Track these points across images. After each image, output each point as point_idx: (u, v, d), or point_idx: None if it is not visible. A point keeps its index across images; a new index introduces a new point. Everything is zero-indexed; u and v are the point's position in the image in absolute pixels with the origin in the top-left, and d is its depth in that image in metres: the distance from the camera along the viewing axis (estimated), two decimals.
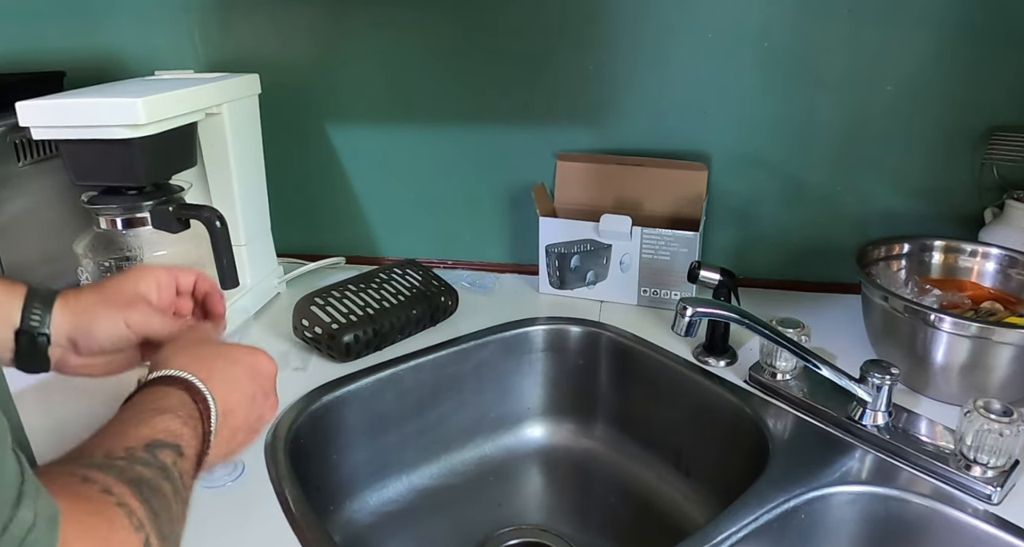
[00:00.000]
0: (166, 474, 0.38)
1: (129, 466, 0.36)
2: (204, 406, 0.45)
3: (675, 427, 0.82)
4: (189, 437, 0.42)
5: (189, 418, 0.43)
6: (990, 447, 0.59)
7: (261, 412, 0.52)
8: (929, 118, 0.89)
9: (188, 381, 0.46)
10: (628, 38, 0.92)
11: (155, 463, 0.37)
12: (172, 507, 0.37)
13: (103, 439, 0.38)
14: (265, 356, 0.53)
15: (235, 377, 0.50)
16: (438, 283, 0.92)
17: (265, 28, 1.00)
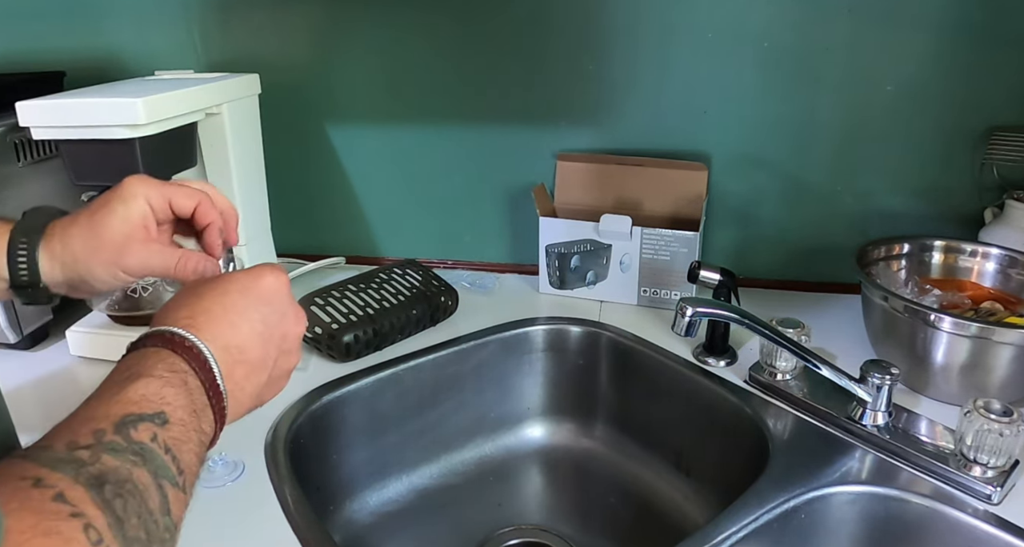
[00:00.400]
0: (142, 457, 0.33)
1: (93, 457, 0.32)
2: (192, 354, 0.40)
3: (675, 427, 0.82)
4: (175, 397, 0.37)
5: (171, 374, 0.38)
6: (990, 447, 0.59)
7: (283, 330, 0.46)
8: (929, 118, 0.89)
9: (165, 333, 0.40)
10: (628, 38, 0.92)
11: (126, 446, 0.33)
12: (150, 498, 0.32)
13: (72, 422, 0.34)
14: (267, 271, 0.46)
15: (233, 307, 0.43)
16: (438, 283, 0.92)
17: (265, 28, 1.00)
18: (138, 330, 0.81)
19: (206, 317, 0.42)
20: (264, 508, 0.60)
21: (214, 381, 0.40)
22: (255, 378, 0.43)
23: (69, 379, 0.81)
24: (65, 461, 0.31)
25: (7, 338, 0.84)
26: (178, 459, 0.35)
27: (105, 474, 0.31)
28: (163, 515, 0.33)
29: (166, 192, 0.50)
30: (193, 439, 0.37)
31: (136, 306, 0.82)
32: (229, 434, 0.70)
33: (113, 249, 0.48)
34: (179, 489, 0.35)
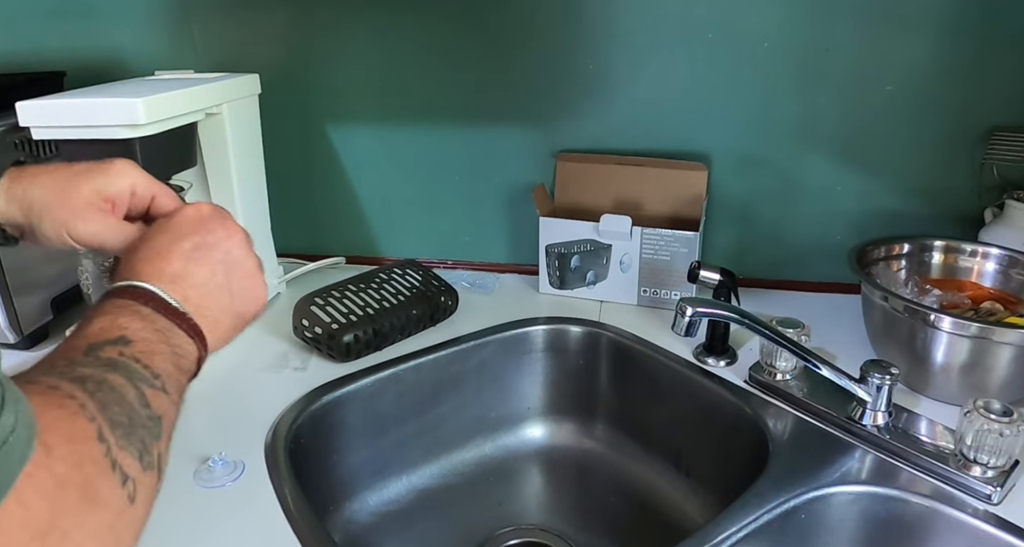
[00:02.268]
0: (112, 367, 0.36)
1: (70, 369, 0.35)
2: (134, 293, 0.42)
3: (675, 427, 0.82)
4: (130, 322, 0.40)
5: (119, 309, 0.40)
6: (990, 447, 0.59)
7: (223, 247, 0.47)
8: (929, 118, 0.89)
9: (109, 290, 0.43)
10: (628, 38, 0.92)
11: (96, 362, 0.36)
12: (127, 393, 0.35)
13: (45, 360, 0.37)
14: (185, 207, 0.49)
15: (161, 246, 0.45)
16: (438, 283, 0.92)
17: (265, 28, 1.00)
18: None
19: (141, 264, 0.44)
20: (264, 508, 0.60)
21: (166, 304, 0.42)
22: (216, 296, 0.45)
23: None
24: (52, 373, 0.34)
25: (7, 338, 0.84)
26: (151, 366, 0.38)
27: (84, 376, 0.34)
28: (142, 407, 0.36)
29: (153, 187, 0.51)
30: (163, 350, 0.40)
31: None
32: (229, 434, 0.70)
33: (71, 211, 0.48)
34: (158, 390, 0.38)
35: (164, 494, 0.63)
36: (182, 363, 0.41)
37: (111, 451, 0.32)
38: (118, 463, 0.32)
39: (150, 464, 0.35)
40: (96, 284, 0.82)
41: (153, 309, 0.41)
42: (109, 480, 0.31)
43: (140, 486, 0.33)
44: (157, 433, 0.36)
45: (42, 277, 0.88)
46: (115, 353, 0.37)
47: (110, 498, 0.31)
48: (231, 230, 0.48)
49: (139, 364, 0.38)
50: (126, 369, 0.37)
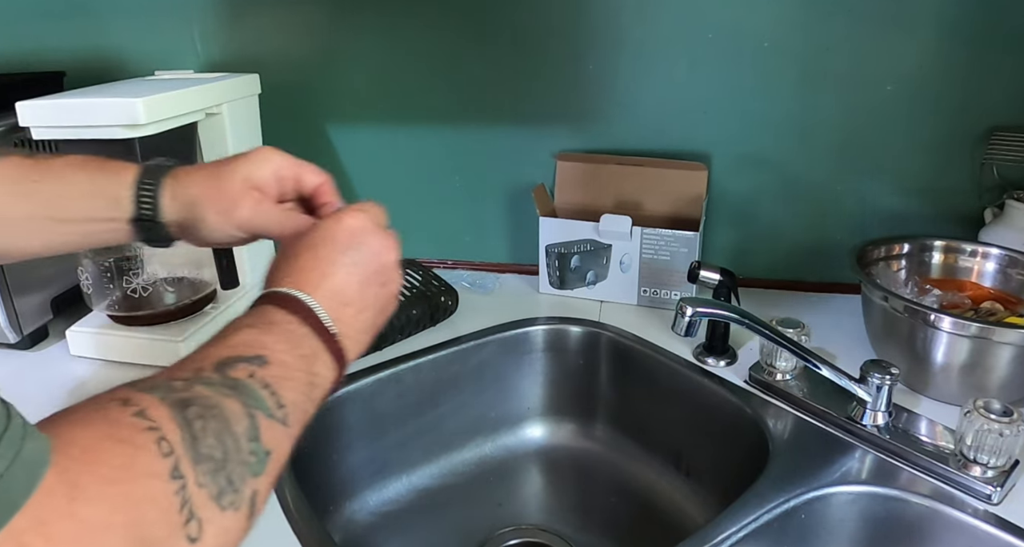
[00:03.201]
0: (235, 390, 0.35)
1: (186, 387, 0.34)
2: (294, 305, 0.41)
3: (675, 427, 0.82)
4: (275, 342, 0.39)
5: (270, 325, 0.40)
6: (990, 447, 0.59)
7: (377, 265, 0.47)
8: (929, 118, 0.89)
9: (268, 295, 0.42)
10: (628, 38, 0.92)
11: (221, 381, 0.35)
12: (236, 422, 0.34)
13: (176, 365, 0.36)
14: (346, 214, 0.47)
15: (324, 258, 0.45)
16: (438, 283, 0.92)
17: (265, 28, 1.00)
18: (138, 330, 0.82)
19: (301, 273, 0.44)
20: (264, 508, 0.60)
21: (321, 326, 0.42)
22: (363, 316, 0.45)
23: (69, 379, 0.81)
24: (159, 387, 0.33)
25: (7, 338, 0.84)
26: (278, 394, 0.37)
27: (192, 399, 0.33)
28: (249, 440, 0.34)
29: (297, 166, 0.54)
30: (298, 378, 0.39)
31: (136, 306, 0.82)
32: None
33: (228, 201, 0.50)
34: (276, 421, 0.36)
35: None
36: (314, 393, 0.40)
37: (185, 489, 0.30)
38: (189, 502, 0.30)
39: (233, 503, 0.33)
40: (96, 284, 0.82)
41: (308, 327, 0.41)
42: (171, 522, 0.30)
43: (209, 526, 0.31)
44: (258, 470, 0.35)
45: (42, 277, 0.88)
46: (245, 373, 0.36)
47: (168, 539, 0.29)
48: (388, 244, 0.48)
49: (267, 390, 0.37)
50: (249, 394, 0.36)
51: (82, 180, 0.50)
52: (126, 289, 0.82)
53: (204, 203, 0.50)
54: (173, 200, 0.50)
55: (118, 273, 0.82)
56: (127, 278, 0.82)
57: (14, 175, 0.49)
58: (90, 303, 0.84)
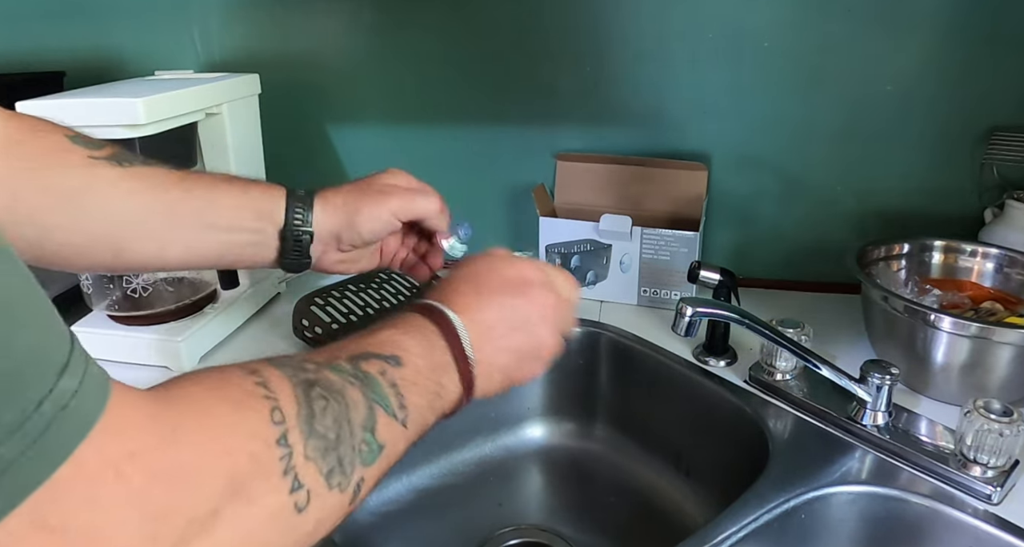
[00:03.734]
0: (363, 381, 0.36)
1: (317, 369, 0.35)
2: (439, 318, 0.43)
3: (675, 427, 0.82)
4: (414, 346, 0.41)
5: (414, 329, 0.42)
6: (990, 447, 0.59)
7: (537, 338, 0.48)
8: (929, 118, 0.89)
9: (419, 304, 0.45)
10: (628, 38, 0.92)
11: (351, 371, 0.36)
12: (355, 410, 0.35)
13: (314, 352, 0.38)
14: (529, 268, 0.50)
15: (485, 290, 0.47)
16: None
17: (265, 28, 1.00)
18: (138, 330, 0.82)
19: (456, 296, 0.46)
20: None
21: (459, 343, 0.43)
22: (502, 356, 0.47)
23: None
24: (291, 366, 0.35)
25: None
26: (402, 395, 0.38)
27: (319, 381, 0.34)
28: (364, 430, 0.35)
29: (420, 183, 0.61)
30: (426, 386, 0.40)
31: (136, 306, 0.82)
32: None
33: (378, 192, 0.55)
34: (395, 420, 0.37)
35: None
36: (438, 403, 0.41)
37: (291, 457, 0.31)
38: (294, 470, 0.31)
39: (340, 485, 0.34)
40: (96, 284, 0.82)
41: (446, 344, 0.43)
42: (271, 481, 0.30)
43: (316, 500, 0.32)
44: (369, 459, 0.36)
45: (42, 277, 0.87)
46: (377, 369, 0.38)
47: (265, 498, 0.30)
48: (549, 308, 0.49)
49: (393, 389, 0.38)
50: (375, 389, 0.37)
51: (235, 192, 0.53)
52: (126, 289, 0.82)
53: (356, 201, 0.55)
54: (326, 205, 0.54)
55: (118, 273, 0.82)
56: (127, 278, 0.82)
57: (164, 183, 0.51)
58: (90, 303, 0.84)
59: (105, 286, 0.82)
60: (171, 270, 0.54)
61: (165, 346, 0.80)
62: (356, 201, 0.55)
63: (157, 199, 0.50)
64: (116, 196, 0.48)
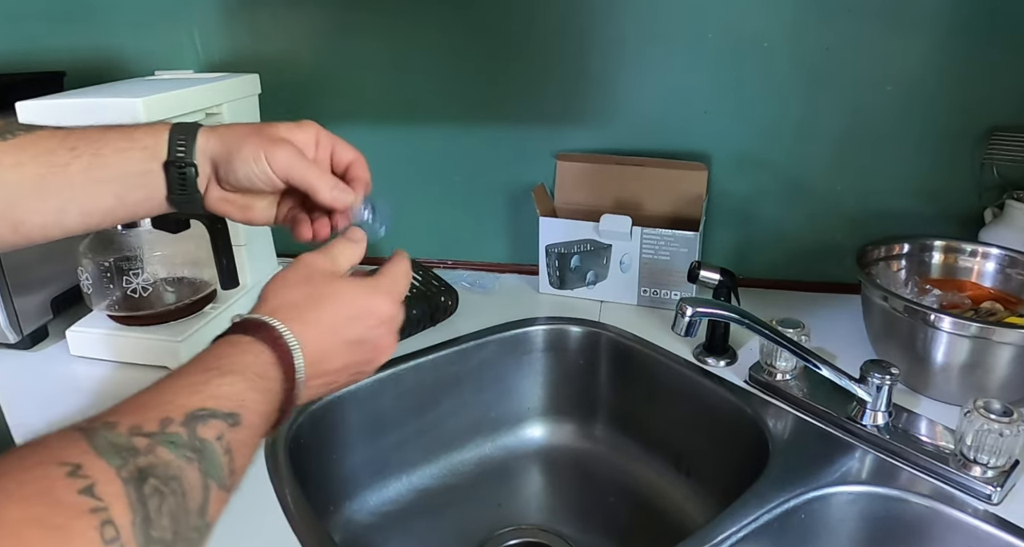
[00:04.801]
0: (200, 454, 0.33)
1: (150, 447, 0.31)
2: (286, 362, 0.41)
3: (675, 427, 0.82)
4: (256, 402, 0.38)
5: (261, 379, 0.39)
6: (990, 447, 0.59)
7: (370, 356, 0.47)
8: (929, 118, 0.89)
9: (272, 331, 0.41)
10: (628, 38, 0.92)
11: (187, 442, 0.33)
12: (192, 498, 0.32)
13: (147, 400, 0.35)
14: (381, 298, 0.47)
15: (340, 325, 0.45)
16: (438, 283, 0.92)
17: (265, 28, 1.00)
18: (138, 330, 0.82)
19: (315, 325, 0.43)
20: (264, 508, 0.60)
21: (292, 391, 0.41)
22: (324, 387, 0.46)
23: (69, 379, 0.81)
24: (118, 448, 0.31)
25: (7, 338, 0.84)
26: (234, 461, 0.36)
27: (153, 468, 0.31)
28: (199, 516, 0.33)
29: (333, 139, 0.55)
30: (256, 442, 0.38)
31: (136, 306, 0.82)
32: None
33: (269, 138, 0.50)
34: (224, 490, 0.35)
35: None
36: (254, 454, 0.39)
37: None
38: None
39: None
40: (96, 284, 0.82)
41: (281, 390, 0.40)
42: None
43: None
44: (198, 544, 0.33)
45: (42, 277, 0.88)
46: (214, 434, 0.35)
47: None
48: (390, 347, 0.49)
49: (227, 456, 0.35)
50: (211, 461, 0.34)
51: (121, 139, 0.50)
52: (126, 289, 0.82)
53: (243, 139, 0.50)
54: (207, 139, 0.50)
55: (118, 273, 0.82)
56: (127, 278, 0.82)
57: (50, 147, 0.48)
58: (90, 303, 0.84)
59: (105, 286, 0.82)
60: (74, 234, 0.51)
61: (165, 346, 0.80)
62: (241, 138, 0.50)
63: (44, 165, 0.48)
64: (4, 173, 0.47)
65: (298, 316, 0.43)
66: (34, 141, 0.48)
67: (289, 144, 0.50)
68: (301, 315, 0.43)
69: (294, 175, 0.50)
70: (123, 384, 0.79)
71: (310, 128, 0.54)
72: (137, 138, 0.50)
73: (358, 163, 0.56)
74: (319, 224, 0.54)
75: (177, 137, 0.50)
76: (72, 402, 0.76)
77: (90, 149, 0.49)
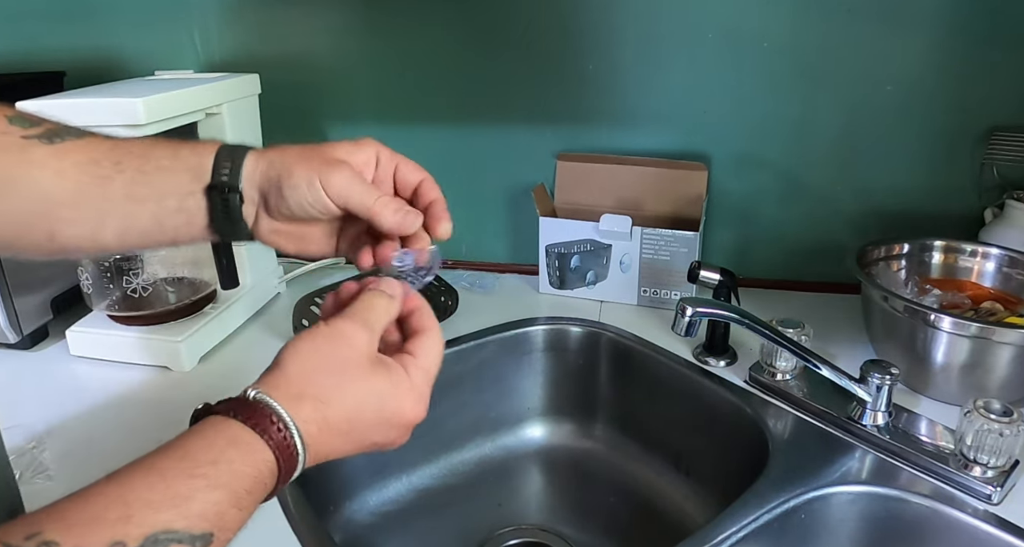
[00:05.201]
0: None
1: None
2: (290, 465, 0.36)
3: (675, 427, 0.82)
4: (234, 521, 0.33)
5: (250, 495, 0.34)
6: (990, 447, 0.59)
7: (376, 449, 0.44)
8: (929, 118, 0.89)
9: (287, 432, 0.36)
10: (628, 38, 0.92)
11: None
12: None
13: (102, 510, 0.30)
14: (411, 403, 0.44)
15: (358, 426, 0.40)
16: (438, 283, 0.92)
17: (265, 28, 1.00)
18: (138, 330, 0.82)
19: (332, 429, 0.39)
20: (264, 508, 0.60)
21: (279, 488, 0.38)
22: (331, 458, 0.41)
23: (69, 379, 0.81)
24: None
25: (7, 338, 0.84)
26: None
27: None
28: None
29: (396, 157, 0.50)
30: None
31: (136, 306, 0.82)
32: None
33: (323, 162, 0.45)
34: None
35: None
36: None
37: None
38: None
39: None
40: (96, 284, 0.82)
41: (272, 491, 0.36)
42: None
43: None
44: None
45: (42, 277, 0.88)
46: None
47: None
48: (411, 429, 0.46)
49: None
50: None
51: (165, 156, 0.46)
52: (126, 289, 0.82)
53: (294, 163, 0.44)
54: (256, 163, 0.45)
55: (118, 273, 0.82)
56: (127, 278, 0.82)
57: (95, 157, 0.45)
58: (90, 303, 0.84)
59: (105, 286, 0.82)
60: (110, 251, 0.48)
61: (165, 346, 0.80)
62: (292, 162, 0.45)
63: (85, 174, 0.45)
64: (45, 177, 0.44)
65: (320, 416, 0.38)
66: (80, 148, 0.46)
67: (346, 166, 0.45)
68: (323, 415, 0.38)
69: (352, 200, 0.44)
70: (123, 384, 0.79)
71: (369, 147, 0.48)
72: (183, 157, 0.46)
73: (427, 184, 0.50)
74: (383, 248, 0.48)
75: (223, 159, 0.45)
76: (72, 402, 0.76)
77: (134, 164, 0.45)
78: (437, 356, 0.45)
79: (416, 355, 0.44)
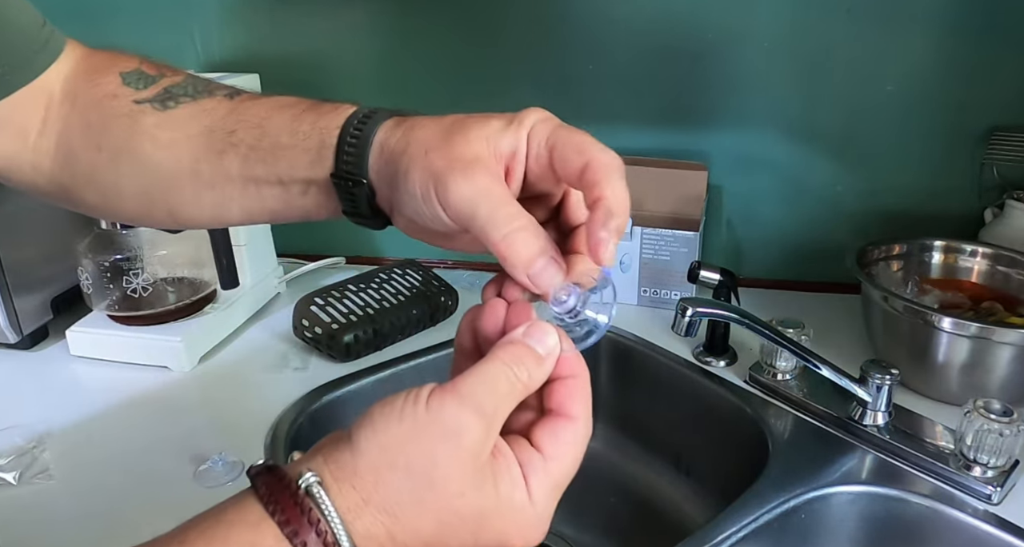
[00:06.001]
0: None
1: None
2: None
3: (675, 427, 0.82)
4: None
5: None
6: (990, 447, 0.59)
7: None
8: (929, 118, 0.89)
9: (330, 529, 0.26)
10: (628, 38, 0.92)
11: None
12: None
13: None
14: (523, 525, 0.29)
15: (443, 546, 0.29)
16: (438, 283, 0.92)
17: (265, 28, 1.00)
18: (138, 330, 0.82)
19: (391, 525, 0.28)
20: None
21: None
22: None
23: (69, 379, 0.81)
24: None
25: (7, 338, 0.84)
26: None
27: None
28: None
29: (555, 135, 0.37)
30: None
31: (136, 306, 0.82)
32: (229, 434, 0.70)
33: (448, 161, 0.33)
34: None
35: (164, 494, 0.63)
36: None
37: None
38: None
39: None
40: (96, 284, 0.82)
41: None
42: None
43: None
44: None
45: (42, 277, 0.88)
46: None
47: None
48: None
49: None
50: None
51: (281, 127, 0.38)
52: (126, 289, 0.82)
53: (416, 156, 0.34)
54: (383, 146, 0.36)
55: (118, 273, 0.82)
56: (127, 278, 0.82)
57: (210, 123, 0.40)
58: (90, 303, 0.84)
59: (105, 286, 0.82)
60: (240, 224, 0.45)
61: (165, 346, 0.80)
62: (412, 159, 0.34)
63: (200, 147, 0.40)
64: (158, 153, 0.40)
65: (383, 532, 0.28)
66: (194, 115, 0.41)
67: (475, 170, 0.33)
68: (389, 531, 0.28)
69: (475, 225, 0.32)
70: (123, 384, 0.79)
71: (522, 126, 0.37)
72: (302, 133, 0.38)
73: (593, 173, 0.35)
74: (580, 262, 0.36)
75: (348, 136, 0.36)
76: (72, 402, 0.76)
77: (249, 137, 0.39)
78: (574, 460, 0.31)
79: (546, 454, 0.30)
